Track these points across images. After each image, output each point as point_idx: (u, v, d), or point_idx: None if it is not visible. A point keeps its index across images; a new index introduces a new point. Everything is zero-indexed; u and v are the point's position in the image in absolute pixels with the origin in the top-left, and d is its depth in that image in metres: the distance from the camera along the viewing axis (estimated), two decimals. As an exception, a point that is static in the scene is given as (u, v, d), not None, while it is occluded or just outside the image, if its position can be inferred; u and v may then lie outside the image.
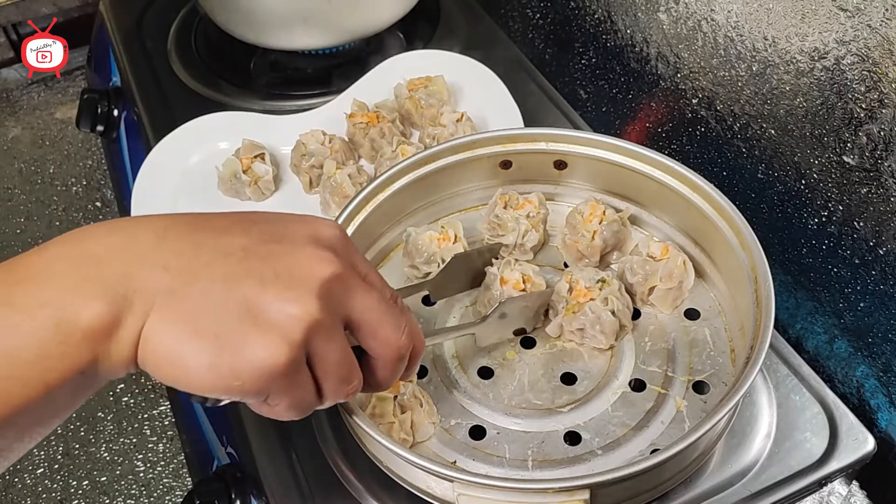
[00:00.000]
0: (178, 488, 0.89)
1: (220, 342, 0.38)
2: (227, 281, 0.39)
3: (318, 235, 0.42)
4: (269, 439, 0.63)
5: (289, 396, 0.41)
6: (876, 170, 0.58)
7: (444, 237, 0.65)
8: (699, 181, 0.62)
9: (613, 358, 0.61)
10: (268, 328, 0.39)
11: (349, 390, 0.44)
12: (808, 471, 0.58)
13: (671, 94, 0.77)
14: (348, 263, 0.42)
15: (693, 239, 0.65)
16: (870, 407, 0.65)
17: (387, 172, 0.65)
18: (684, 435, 0.49)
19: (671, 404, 0.58)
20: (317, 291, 0.40)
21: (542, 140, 0.67)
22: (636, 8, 0.78)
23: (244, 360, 0.38)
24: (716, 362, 0.60)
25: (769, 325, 0.53)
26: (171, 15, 1.05)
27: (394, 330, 0.44)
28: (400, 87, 0.84)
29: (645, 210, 0.68)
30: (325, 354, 0.41)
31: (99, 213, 1.45)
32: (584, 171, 0.68)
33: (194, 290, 0.38)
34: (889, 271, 0.60)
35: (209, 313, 0.38)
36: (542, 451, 0.56)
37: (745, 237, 0.58)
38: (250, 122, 0.84)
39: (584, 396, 0.59)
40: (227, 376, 0.38)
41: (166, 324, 0.38)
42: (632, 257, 0.64)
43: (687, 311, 0.63)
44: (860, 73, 0.56)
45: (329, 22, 0.89)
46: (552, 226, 0.69)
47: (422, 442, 0.57)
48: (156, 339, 0.38)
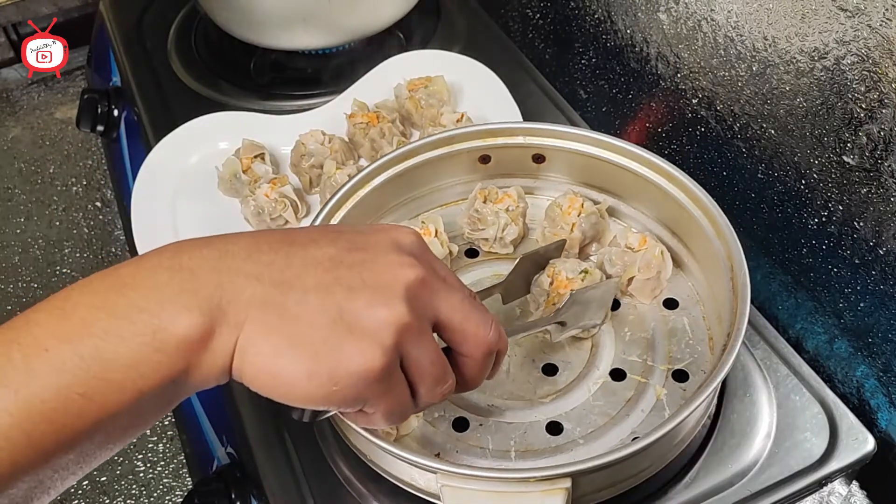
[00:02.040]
0: (178, 488, 0.89)
1: (317, 351, 0.39)
2: (318, 290, 0.40)
3: (398, 242, 0.44)
4: (268, 439, 0.63)
5: (385, 402, 0.42)
6: (876, 170, 0.58)
7: (425, 232, 0.65)
8: (675, 172, 0.62)
9: (594, 348, 0.61)
10: (361, 334, 0.40)
11: (444, 391, 0.45)
12: (808, 471, 0.58)
13: (671, 94, 0.77)
14: (430, 267, 0.43)
15: (670, 229, 0.66)
16: (870, 407, 0.65)
17: (367, 168, 0.65)
18: (663, 423, 0.50)
19: (651, 393, 0.58)
20: (403, 295, 0.41)
21: (519, 134, 0.68)
22: (636, 8, 0.78)
23: (341, 367, 0.39)
24: (695, 350, 0.61)
25: (745, 312, 0.53)
26: (171, 15, 1.04)
27: (482, 326, 0.45)
28: (400, 88, 0.84)
29: (622, 202, 0.69)
30: (418, 356, 0.42)
31: (99, 213, 1.45)
32: (562, 164, 0.69)
33: (288, 300, 0.39)
34: (889, 271, 0.60)
35: (304, 323, 0.39)
36: (525, 442, 0.57)
37: (721, 226, 0.59)
38: (250, 122, 0.84)
39: (565, 387, 0.59)
40: (326, 384, 0.39)
41: (262, 335, 0.39)
42: (610, 249, 0.65)
43: (665, 301, 0.64)
44: (860, 73, 0.56)
45: (329, 22, 0.89)
46: (531, 219, 0.70)
47: (405, 435, 0.57)
48: (253, 351, 0.39)
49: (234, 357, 0.39)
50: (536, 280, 0.63)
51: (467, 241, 0.70)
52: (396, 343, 0.40)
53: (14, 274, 1.07)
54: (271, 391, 0.40)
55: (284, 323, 0.39)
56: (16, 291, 1.05)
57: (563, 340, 0.61)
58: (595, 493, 0.53)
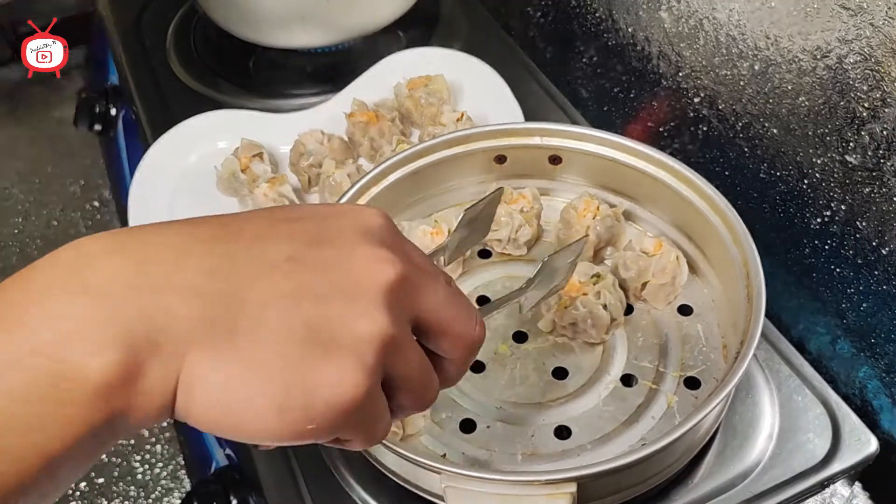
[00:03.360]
0: (176, 490, 0.89)
1: (286, 380, 0.31)
2: (278, 302, 0.32)
3: (367, 228, 0.36)
4: (267, 440, 0.62)
5: (366, 429, 0.35)
6: (879, 169, 0.58)
7: (438, 231, 0.65)
8: (693, 177, 0.62)
9: (605, 353, 0.61)
10: (339, 355, 0.32)
11: (429, 400, 0.38)
12: (810, 472, 0.57)
13: (673, 93, 0.77)
14: (406, 258, 0.36)
15: (687, 234, 0.65)
16: (872, 408, 0.65)
17: (381, 166, 0.64)
18: (672, 429, 0.49)
19: (662, 400, 0.58)
20: (383, 300, 0.33)
21: (536, 135, 0.67)
22: (637, 6, 0.77)
23: (318, 398, 0.31)
24: (708, 358, 0.60)
25: (759, 320, 0.53)
26: (170, 14, 1.04)
27: (467, 325, 0.38)
28: (400, 87, 0.84)
29: (639, 205, 0.68)
30: (404, 371, 0.35)
31: (97, 212, 1.45)
32: (579, 166, 0.68)
33: (240, 317, 0.31)
34: (892, 271, 0.60)
35: (265, 346, 0.31)
36: (532, 445, 0.56)
37: (738, 233, 0.58)
38: (248, 120, 0.84)
39: (574, 391, 0.59)
40: (301, 420, 0.31)
41: (212, 365, 0.31)
42: (625, 253, 0.64)
43: (680, 307, 0.63)
44: (863, 72, 0.56)
45: (328, 20, 0.89)
46: (546, 221, 0.69)
47: (412, 435, 0.57)
48: (202, 387, 0.31)
49: (178, 395, 0.31)
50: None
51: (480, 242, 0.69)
52: (379, 360, 0.33)
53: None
54: (228, 430, 0.32)
55: (239, 348, 0.31)
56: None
57: (572, 344, 0.61)
58: (601, 498, 0.52)
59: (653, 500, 0.57)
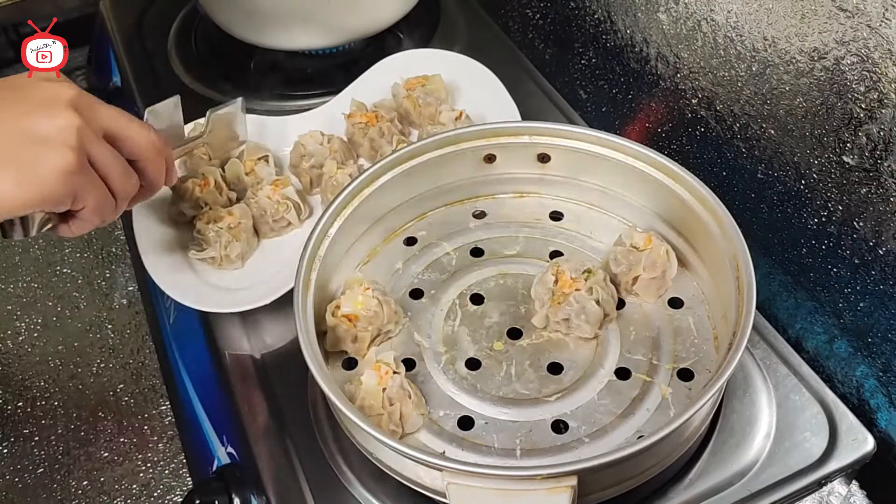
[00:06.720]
0: (179, 488, 0.89)
1: (18, 162, 0.49)
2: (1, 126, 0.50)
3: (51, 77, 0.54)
4: (269, 439, 0.63)
5: (91, 194, 0.52)
6: (875, 170, 0.58)
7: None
8: (681, 171, 0.62)
9: (599, 347, 0.61)
10: (50, 142, 0.50)
11: (131, 185, 0.56)
12: (807, 471, 0.58)
13: (671, 95, 0.77)
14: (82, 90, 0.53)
15: (676, 229, 0.66)
16: (869, 407, 0.65)
17: (372, 168, 0.65)
18: (668, 421, 0.50)
19: (656, 392, 0.58)
20: (70, 105, 0.51)
21: (525, 133, 0.68)
22: (636, 8, 0.78)
23: (44, 169, 0.49)
24: (700, 350, 0.61)
25: (751, 311, 0.53)
26: (172, 15, 1.04)
27: (142, 129, 0.56)
28: (397, 87, 0.84)
29: (627, 200, 0.68)
30: (101, 154, 0.53)
31: (99, 213, 1.44)
32: (566, 163, 0.69)
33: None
34: (889, 271, 0.60)
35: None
36: (530, 440, 0.57)
37: (726, 225, 0.59)
38: (249, 122, 0.84)
39: (570, 386, 0.59)
40: (37, 186, 0.49)
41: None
42: (615, 248, 0.65)
43: (671, 300, 0.64)
44: (860, 73, 0.56)
45: (329, 22, 0.89)
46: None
47: (411, 433, 0.57)
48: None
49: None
50: (541, 279, 0.63)
51: (472, 242, 0.69)
52: (79, 142, 0.50)
53: (14, 274, 1.07)
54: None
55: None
56: (16, 291, 1.05)
57: (567, 339, 0.61)
58: (600, 491, 0.53)
59: (651, 498, 0.57)
